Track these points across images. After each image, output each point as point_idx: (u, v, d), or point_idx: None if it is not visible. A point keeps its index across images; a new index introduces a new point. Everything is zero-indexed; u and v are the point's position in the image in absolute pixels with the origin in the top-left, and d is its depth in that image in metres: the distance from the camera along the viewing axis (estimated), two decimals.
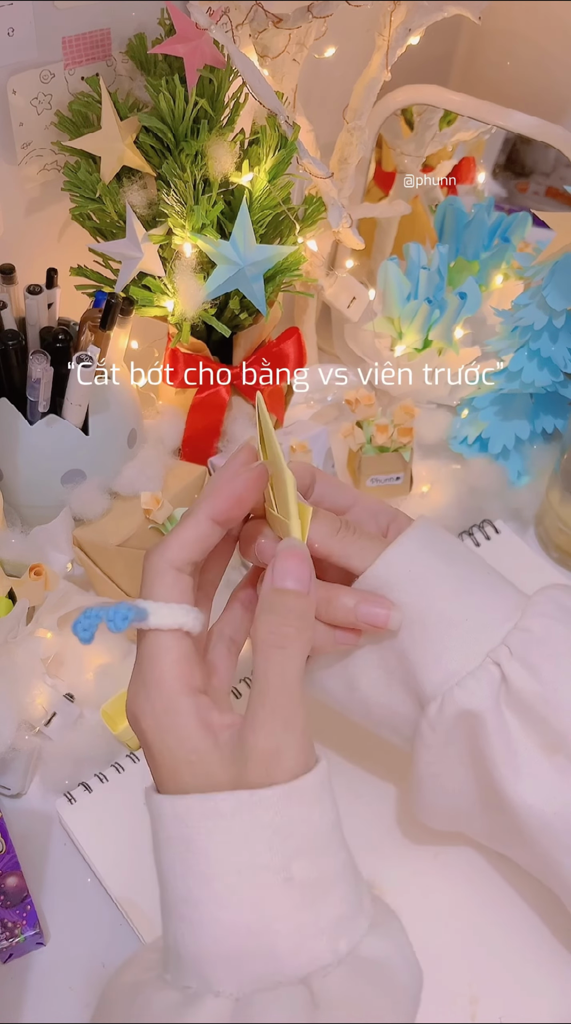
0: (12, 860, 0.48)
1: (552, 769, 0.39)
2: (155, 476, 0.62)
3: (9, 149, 0.59)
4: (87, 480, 0.60)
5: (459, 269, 0.81)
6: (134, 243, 0.57)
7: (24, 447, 0.58)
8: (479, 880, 0.49)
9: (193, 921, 0.33)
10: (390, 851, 0.50)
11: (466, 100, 0.72)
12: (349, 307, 0.76)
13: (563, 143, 0.68)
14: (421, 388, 0.77)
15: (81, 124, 0.59)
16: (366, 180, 0.80)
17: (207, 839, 0.33)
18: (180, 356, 0.65)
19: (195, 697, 0.35)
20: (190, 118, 0.56)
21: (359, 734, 0.56)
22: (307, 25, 0.61)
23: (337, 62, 0.68)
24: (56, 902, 0.49)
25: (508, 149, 0.95)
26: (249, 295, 0.59)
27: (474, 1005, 0.45)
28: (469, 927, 0.47)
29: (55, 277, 0.61)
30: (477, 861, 0.50)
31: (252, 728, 0.34)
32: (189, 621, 0.36)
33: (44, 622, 0.55)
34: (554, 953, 0.47)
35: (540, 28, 0.86)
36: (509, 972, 0.46)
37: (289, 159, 0.60)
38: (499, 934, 0.47)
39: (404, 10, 0.64)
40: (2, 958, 0.46)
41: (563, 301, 0.62)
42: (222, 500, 0.37)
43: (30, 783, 0.53)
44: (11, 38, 0.55)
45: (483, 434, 0.73)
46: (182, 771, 0.34)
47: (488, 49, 0.92)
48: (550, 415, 0.73)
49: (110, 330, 0.58)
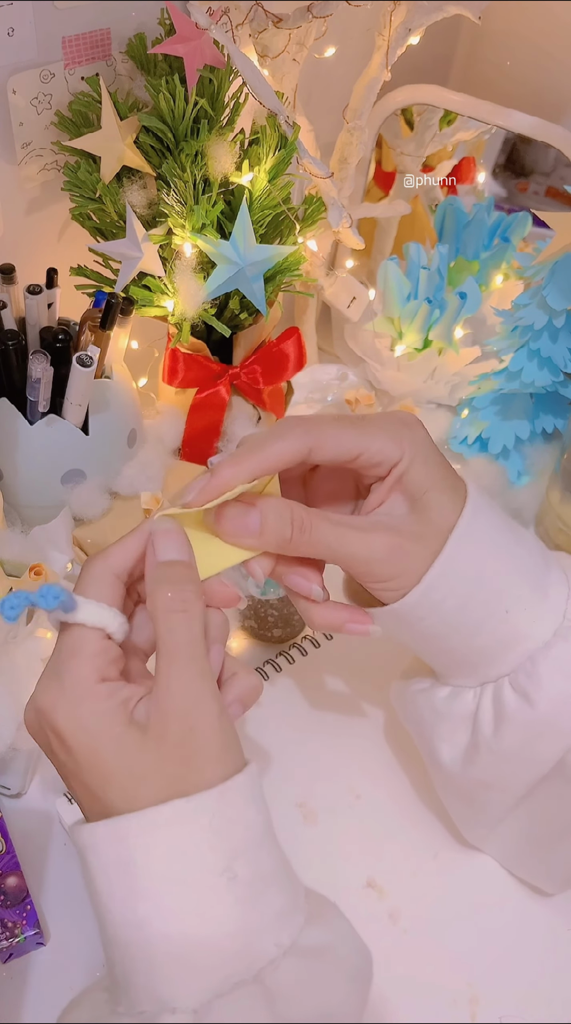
0: (12, 860, 0.48)
1: None
2: (155, 476, 0.62)
3: (9, 149, 0.59)
4: (87, 480, 0.60)
5: (459, 269, 0.81)
6: (134, 243, 0.57)
7: (24, 447, 0.58)
8: (479, 880, 0.49)
9: (140, 943, 0.32)
10: (390, 851, 0.50)
11: (466, 100, 0.72)
12: (349, 307, 0.76)
13: (563, 143, 0.68)
14: (421, 388, 0.77)
15: (81, 124, 0.59)
16: (366, 180, 0.81)
17: (146, 855, 0.32)
18: (180, 356, 0.65)
19: (108, 683, 0.35)
20: (190, 118, 0.56)
21: (360, 734, 0.56)
22: (307, 25, 0.61)
23: (337, 62, 0.68)
24: (56, 902, 0.49)
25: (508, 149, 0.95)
26: (249, 295, 0.59)
27: (474, 1005, 0.45)
28: (469, 927, 0.48)
29: (55, 277, 0.61)
30: (477, 861, 0.50)
31: (167, 688, 0.34)
32: (113, 625, 0.36)
33: (44, 622, 0.55)
34: (554, 953, 0.47)
35: (540, 28, 0.86)
36: (509, 972, 0.46)
37: (289, 159, 0.60)
38: (499, 934, 0.47)
39: (404, 10, 0.64)
40: (2, 958, 0.46)
41: (563, 301, 0.62)
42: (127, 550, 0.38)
43: (30, 783, 0.53)
44: (11, 38, 0.55)
45: (483, 434, 0.73)
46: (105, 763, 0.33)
47: (488, 49, 0.92)
48: (550, 415, 0.73)
49: (110, 330, 0.58)
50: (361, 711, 0.57)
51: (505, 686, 0.42)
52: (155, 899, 0.32)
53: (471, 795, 0.45)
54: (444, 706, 0.44)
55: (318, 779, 0.53)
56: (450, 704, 0.44)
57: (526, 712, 0.40)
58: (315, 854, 0.50)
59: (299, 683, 0.58)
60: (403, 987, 0.45)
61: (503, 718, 0.41)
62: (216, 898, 0.32)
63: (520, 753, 0.41)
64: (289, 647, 0.60)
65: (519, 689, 0.41)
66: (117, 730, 0.33)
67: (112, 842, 0.33)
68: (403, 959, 0.46)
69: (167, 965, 0.32)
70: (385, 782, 0.53)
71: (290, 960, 0.33)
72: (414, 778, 0.53)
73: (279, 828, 0.50)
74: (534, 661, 0.41)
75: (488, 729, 0.42)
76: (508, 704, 0.41)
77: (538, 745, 0.41)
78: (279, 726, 0.56)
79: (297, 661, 0.59)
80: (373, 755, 0.54)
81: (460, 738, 0.43)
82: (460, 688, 0.44)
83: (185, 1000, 0.32)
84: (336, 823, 0.51)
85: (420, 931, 0.47)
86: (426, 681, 0.46)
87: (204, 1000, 0.32)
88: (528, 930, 0.48)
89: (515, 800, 0.43)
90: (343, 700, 0.57)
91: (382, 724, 0.56)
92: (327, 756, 0.55)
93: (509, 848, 0.47)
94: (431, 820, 0.51)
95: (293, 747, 0.55)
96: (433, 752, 0.45)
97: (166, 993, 0.32)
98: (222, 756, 0.34)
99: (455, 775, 0.44)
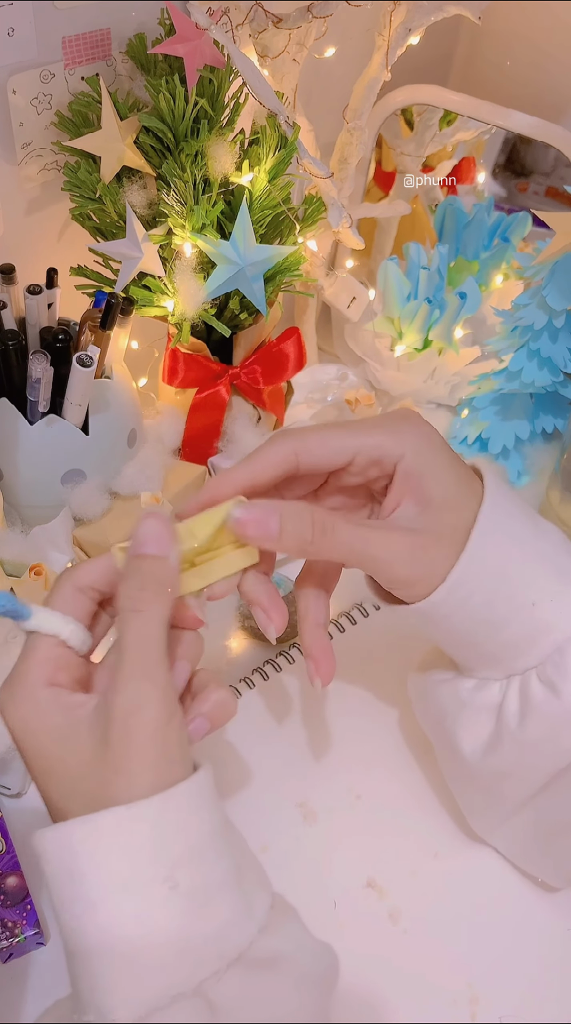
0: (12, 860, 0.48)
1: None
2: (155, 476, 0.62)
3: (9, 149, 0.59)
4: (87, 480, 0.60)
5: (459, 269, 0.81)
6: (134, 243, 0.57)
7: (24, 447, 0.58)
8: (479, 880, 0.49)
9: (84, 951, 0.32)
10: (390, 851, 0.50)
11: (466, 100, 0.72)
12: (349, 307, 0.76)
13: (563, 143, 0.68)
14: (421, 388, 0.77)
15: (81, 124, 0.59)
16: (366, 180, 0.81)
17: (89, 862, 0.32)
18: (180, 356, 0.65)
19: (56, 687, 0.35)
20: (190, 118, 0.56)
21: (360, 734, 0.56)
22: (307, 25, 0.61)
23: (337, 62, 0.68)
24: None
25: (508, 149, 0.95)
26: (249, 295, 0.59)
27: (474, 1005, 0.45)
28: (469, 927, 0.48)
29: (55, 277, 0.61)
30: (477, 861, 0.50)
31: (113, 688, 0.34)
32: (67, 632, 0.36)
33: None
34: (554, 953, 0.47)
35: (540, 28, 0.86)
36: (509, 972, 0.46)
37: (289, 159, 0.60)
38: (499, 934, 0.47)
39: (404, 10, 0.64)
40: (2, 958, 0.46)
41: (563, 301, 0.62)
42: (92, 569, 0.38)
43: (30, 783, 0.53)
44: (11, 38, 0.55)
45: (483, 434, 0.73)
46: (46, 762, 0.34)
47: (488, 49, 0.92)
48: (550, 415, 0.73)
49: (110, 330, 0.58)
50: (361, 711, 0.57)
51: (532, 678, 0.41)
52: (96, 908, 0.32)
53: (487, 785, 0.45)
54: (469, 696, 0.44)
55: (318, 779, 0.53)
56: (475, 695, 0.43)
57: (552, 703, 0.40)
58: (315, 854, 0.50)
59: (299, 683, 0.58)
60: (403, 987, 0.45)
61: (529, 709, 0.41)
62: (157, 907, 0.32)
63: (543, 744, 0.41)
64: (289, 647, 0.60)
65: (546, 680, 0.41)
66: (57, 732, 0.34)
67: (59, 848, 0.33)
68: (403, 959, 0.46)
69: (107, 975, 0.31)
70: (385, 782, 0.53)
71: (235, 971, 0.32)
72: (414, 778, 0.53)
73: (279, 828, 0.51)
74: (562, 652, 0.40)
75: (513, 720, 0.42)
76: (535, 695, 0.41)
77: (562, 735, 0.40)
78: (279, 726, 0.56)
79: (297, 661, 0.59)
80: (373, 755, 0.54)
81: (483, 728, 0.43)
82: (486, 680, 0.43)
83: (123, 1011, 0.31)
84: (336, 823, 0.51)
85: (420, 931, 0.47)
86: (448, 672, 0.46)
87: (142, 1013, 0.31)
88: (528, 930, 0.48)
89: (532, 791, 0.43)
90: (343, 700, 0.57)
91: (383, 724, 0.56)
92: (327, 756, 0.55)
93: (518, 841, 0.47)
94: (431, 820, 0.51)
95: (293, 747, 0.55)
96: (453, 741, 0.45)
97: (106, 1003, 0.31)
98: (159, 763, 0.33)
99: (473, 764, 0.44)
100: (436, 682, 0.46)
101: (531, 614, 0.40)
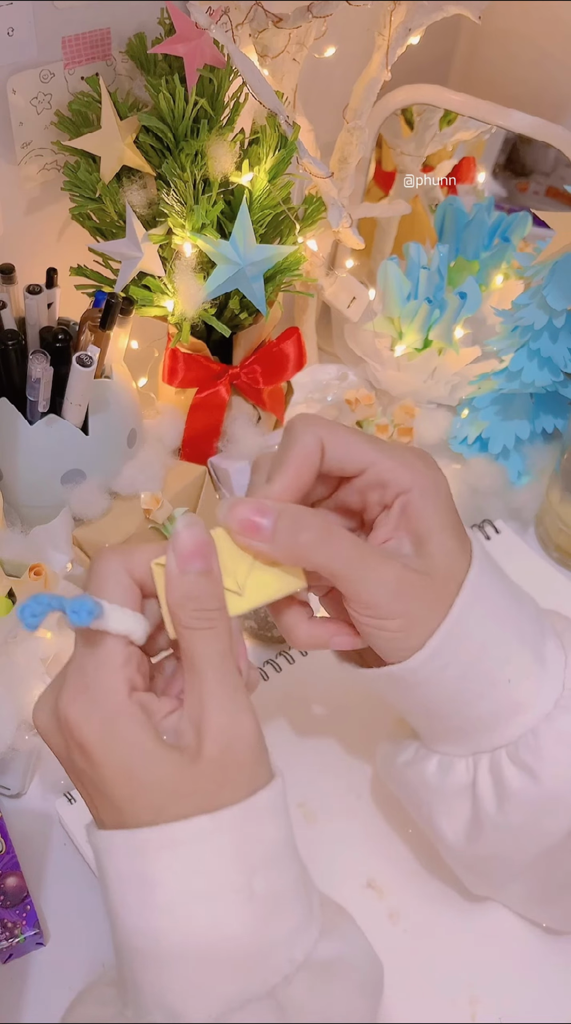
0: (12, 860, 0.48)
1: None
2: (155, 476, 0.62)
3: (9, 149, 0.59)
4: (87, 480, 0.60)
5: (459, 269, 0.81)
6: (134, 243, 0.57)
7: (24, 447, 0.58)
8: None
9: (153, 954, 0.32)
10: (390, 851, 0.50)
11: (466, 100, 0.72)
12: (349, 307, 0.76)
13: (563, 143, 0.68)
14: (421, 388, 0.77)
15: (81, 124, 0.59)
16: (366, 180, 0.81)
17: (165, 870, 0.32)
18: (180, 356, 0.65)
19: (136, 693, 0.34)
20: (190, 118, 0.56)
21: (360, 734, 0.56)
22: (307, 25, 0.61)
23: (337, 62, 0.68)
24: (56, 902, 0.49)
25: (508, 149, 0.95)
26: (249, 295, 0.59)
27: (474, 1005, 0.45)
28: (469, 927, 0.47)
29: (55, 277, 0.61)
30: None
31: (201, 705, 0.33)
32: (138, 630, 0.35)
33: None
34: (554, 953, 0.47)
35: (540, 28, 0.86)
36: (509, 972, 0.46)
37: (289, 159, 0.60)
38: (499, 934, 0.47)
39: (404, 10, 0.64)
40: (2, 958, 0.46)
41: (563, 301, 0.62)
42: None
43: (30, 783, 0.53)
44: (11, 38, 0.55)
45: (483, 434, 0.73)
46: (136, 778, 0.32)
47: (488, 49, 0.92)
48: (550, 415, 0.73)
49: (110, 330, 0.58)
50: (361, 711, 0.57)
51: (503, 759, 0.40)
52: (171, 913, 0.32)
53: (477, 865, 0.44)
54: (436, 780, 0.42)
55: (318, 779, 0.53)
56: (443, 778, 0.42)
57: (531, 788, 0.39)
58: (315, 854, 0.50)
59: (299, 683, 0.58)
60: (403, 987, 0.45)
61: (506, 794, 0.40)
62: (233, 915, 0.32)
63: (527, 829, 0.40)
64: (289, 647, 0.60)
65: (520, 763, 0.39)
66: (149, 746, 0.33)
67: (129, 852, 0.32)
68: (403, 959, 0.46)
69: (179, 978, 0.32)
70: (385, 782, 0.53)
71: (303, 975, 0.33)
72: None
73: None
74: (536, 734, 0.39)
75: (491, 805, 0.40)
76: (510, 779, 0.39)
77: (545, 821, 0.39)
78: (279, 726, 0.56)
79: (297, 661, 0.59)
80: (373, 755, 0.54)
81: (460, 813, 0.42)
82: (449, 757, 0.42)
83: (196, 1014, 0.32)
84: (336, 823, 0.51)
85: (420, 931, 0.47)
86: (410, 749, 0.44)
87: (215, 1014, 0.31)
88: (528, 930, 0.48)
89: (522, 867, 0.42)
90: (343, 700, 0.57)
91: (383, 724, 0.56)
92: (327, 756, 0.55)
93: (519, 899, 0.47)
94: None
95: (293, 747, 0.55)
96: (433, 827, 0.43)
97: (178, 1005, 0.32)
98: (255, 770, 0.34)
99: (459, 851, 0.43)
100: (401, 765, 0.45)
101: (506, 692, 0.39)
